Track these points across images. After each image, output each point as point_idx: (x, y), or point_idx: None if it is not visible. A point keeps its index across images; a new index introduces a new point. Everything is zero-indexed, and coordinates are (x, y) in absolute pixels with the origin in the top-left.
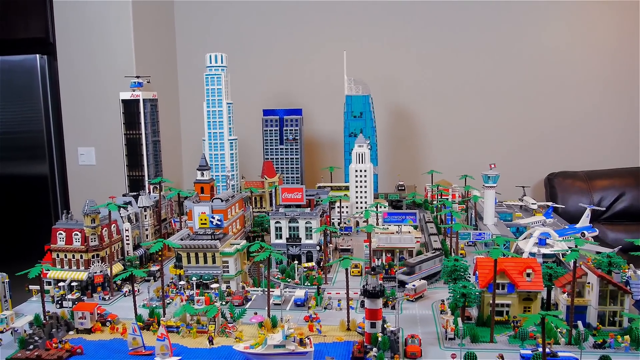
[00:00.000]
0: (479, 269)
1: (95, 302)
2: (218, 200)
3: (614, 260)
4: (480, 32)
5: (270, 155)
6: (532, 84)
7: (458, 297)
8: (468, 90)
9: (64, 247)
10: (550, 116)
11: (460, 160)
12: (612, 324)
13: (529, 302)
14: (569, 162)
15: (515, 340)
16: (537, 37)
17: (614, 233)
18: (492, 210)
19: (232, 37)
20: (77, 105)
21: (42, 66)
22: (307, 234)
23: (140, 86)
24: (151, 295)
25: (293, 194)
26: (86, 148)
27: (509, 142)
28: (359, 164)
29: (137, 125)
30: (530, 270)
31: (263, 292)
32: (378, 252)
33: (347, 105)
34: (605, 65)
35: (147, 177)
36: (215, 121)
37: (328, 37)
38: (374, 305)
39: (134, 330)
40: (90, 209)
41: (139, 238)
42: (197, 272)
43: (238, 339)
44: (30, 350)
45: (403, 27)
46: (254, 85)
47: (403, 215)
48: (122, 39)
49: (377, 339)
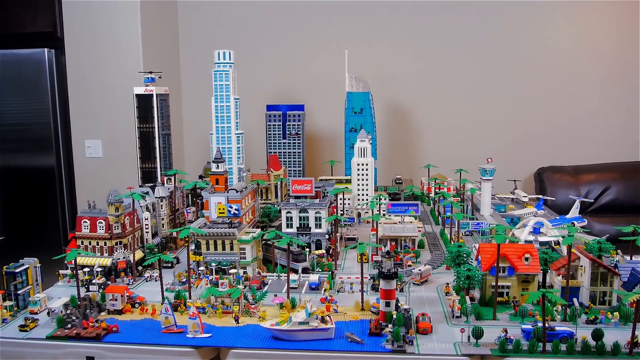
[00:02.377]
0: (482, 254)
1: (124, 285)
2: (233, 191)
3: (603, 246)
4: (475, 31)
5: (272, 149)
6: (523, 83)
7: (463, 280)
8: (463, 87)
9: (89, 235)
10: (540, 113)
11: (455, 155)
12: (602, 303)
13: (527, 284)
14: (557, 157)
15: (516, 318)
16: (528, 37)
17: (600, 225)
18: (489, 202)
19: (236, 34)
20: (84, 98)
21: (49, 60)
22: (316, 223)
23: (153, 81)
24: (174, 279)
25: (303, 185)
26: (93, 141)
27: (500, 138)
28: (361, 157)
29: (150, 119)
30: (529, 255)
31: (278, 277)
32: (383, 241)
33: (347, 102)
34: (593, 64)
35: (159, 169)
36: (223, 116)
37: (330, 35)
38: (389, 285)
39: (167, 310)
40: (114, 198)
41: (156, 227)
42: (215, 259)
43: (262, 318)
44: (68, 329)
45: (402, 26)
46: (258, 81)
47: (406, 206)
48: (129, 34)
49: (392, 316)
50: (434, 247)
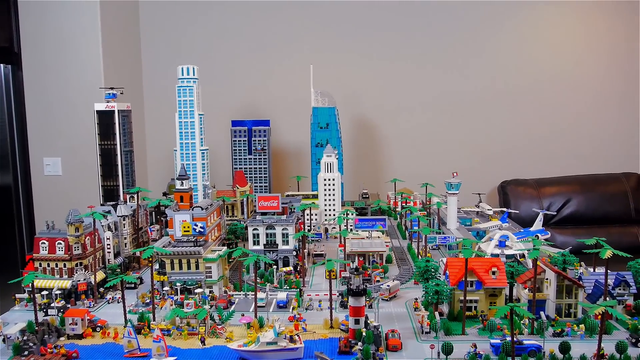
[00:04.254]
0: (450, 269)
1: (85, 309)
2: (198, 208)
3: (568, 259)
4: (439, 48)
5: (239, 165)
6: (487, 98)
7: (432, 295)
8: (428, 103)
9: (47, 256)
10: (503, 129)
11: (421, 169)
12: (568, 315)
13: (494, 297)
14: (520, 171)
15: (484, 332)
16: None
17: (563, 236)
18: (455, 215)
19: (200, 49)
20: (43, 115)
21: (6, 75)
22: (283, 240)
23: (115, 97)
24: (136, 301)
25: (269, 202)
26: (52, 158)
27: (465, 152)
28: (328, 172)
29: (112, 135)
30: (496, 269)
31: (245, 296)
32: (352, 256)
33: (313, 117)
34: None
35: (122, 187)
36: (187, 132)
37: (295, 50)
38: (358, 302)
39: (129, 333)
40: (74, 218)
41: (118, 246)
42: (180, 278)
43: (229, 339)
44: (25, 356)
45: (367, 41)
46: (223, 96)
47: (373, 221)
48: (89, 49)
49: (362, 334)
50: (402, 262)
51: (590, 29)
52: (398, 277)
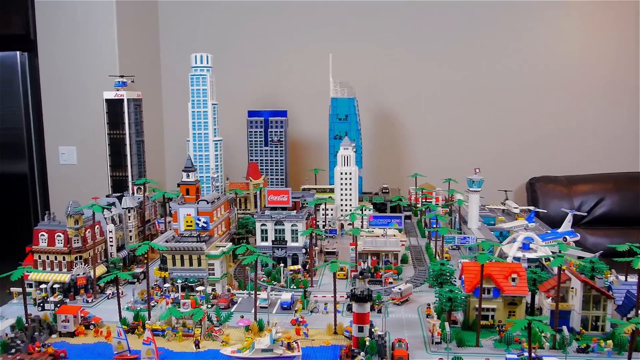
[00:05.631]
0: (465, 274)
1: (78, 305)
2: (204, 202)
3: (596, 266)
4: (467, 37)
5: (254, 157)
6: (515, 90)
7: (444, 302)
8: (452, 94)
9: (46, 249)
10: (533, 121)
11: (444, 163)
12: (594, 328)
13: (513, 306)
14: (550, 167)
15: (501, 345)
16: (522, 43)
17: (594, 238)
18: (477, 214)
19: (218, 38)
20: (58, 103)
21: (22, 63)
22: (293, 236)
23: (124, 85)
24: (135, 297)
25: (279, 196)
26: (67, 147)
27: (492, 146)
28: (344, 166)
29: (121, 125)
30: (516, 275)
31: (249, 295)
32: (364, 255)
33: (332, 108)
34: (590, 71)
35: (130, 178)
36: (200, 122)
37: (314, 39)
38: (362, 309)
39: (119, 334)
40: (73, 210)
41: (123, 239)
42: (182, 275)
43: (225, 343)
44: (12, 355)
45: (389, 31)
46: (240, 86)
47: (389, 219)
48: (105, 38)
49: (365, 343)
50: (418, 263)
51: (628, 17)
52: (412, 279)
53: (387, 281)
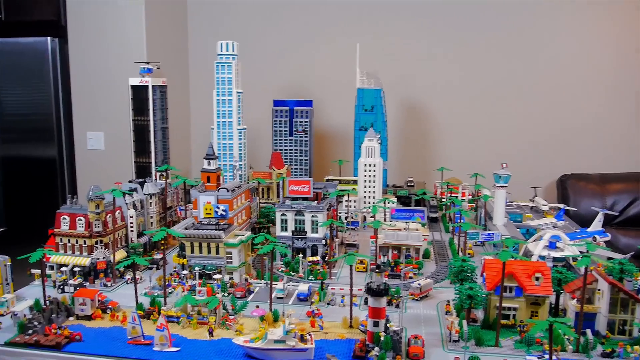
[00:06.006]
0: (487, 271)
1: (96, 289)
2: (224, 190)
3: (626, 268)
4: (495, 30)
5: (279, 146)
6: (547, 83)
7: (464, 299)
8: (481, 87)
9: (68, 232)
10: (565, 116)
11: (471, 158)
12: (621, 332)
13: (536, 306)
14: (582, 164)
15: (521, 346)
16: (554, 36)
17: (627, 238)
18: (503, 210)
19: (245, 26)
20: (86, 89)
21: (53, 49)
22: (313, 227)
23: (150, 72)
24: (153, 283)
25: (300, 186)
26: (95, 133)
27: (521, 141)
28: (368, 158)
29: (145, 111)
30: (540, 274)
31: (266, 285)
32: (384, 249)
33: (358, 99)
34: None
35: (154, 164)
36: (225, 110)
37: (341, 29)
38: (378, 303)
39: (134, 319)
40: (94, 194)
41: (144, 225)
42: (200, 262)
43: (238, 332)
44: (29, 335)
45: (417, 22)
46: (265, 75)
47: (411, 212)
48: (133, 24)
49: (380, 338)
50: (440, 258)
51: None
52: (433, 274)
53: (406, 276)
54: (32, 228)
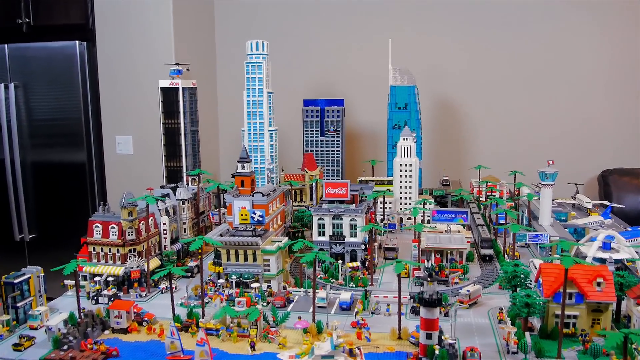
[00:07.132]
0: (543, 277)
1: (131, 300)
2: (259, 194)
3: None
4: (532, 21)
5: (310, 147)
6: (585, 75)
7: (521, 307)
8: (517, 82)
9: (100, 241)
10: (606, 109)
11: (509, 155)
12: None
13: (598, 313)
14: (625, 159)
15: (586, 357)
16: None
17: None
18: (549, 210)
19: (273, 24)
20: (115, 92)
21: (81, 53)
22: (351, 231)
23: (180, 74)
24: (189, 293)
25: (337, 189)
26: (124, 137)
27: (560, 135)
28: (404, 157)
29: (175, 114)
30: (601, 279)
31: (306, 293)
32: (427, 253)
33: (391, 96)
34: None
35: (185, 169)
36: (255, 111)
37: (372, 25)
38: (431, 314)
39: (172, 334)
40: (127, 201)
41: (177, 232)
42: (236, 270)
43: (281, 345)
44: (64, 351)
45: (452, 14)
46: (295, 74)
47: (453, 214)
48: (161, 26)
49: (434, 351)
50: (484, 261)
51: None
52: (480, 279)
53: (453, 281)
54: (62, 234)
